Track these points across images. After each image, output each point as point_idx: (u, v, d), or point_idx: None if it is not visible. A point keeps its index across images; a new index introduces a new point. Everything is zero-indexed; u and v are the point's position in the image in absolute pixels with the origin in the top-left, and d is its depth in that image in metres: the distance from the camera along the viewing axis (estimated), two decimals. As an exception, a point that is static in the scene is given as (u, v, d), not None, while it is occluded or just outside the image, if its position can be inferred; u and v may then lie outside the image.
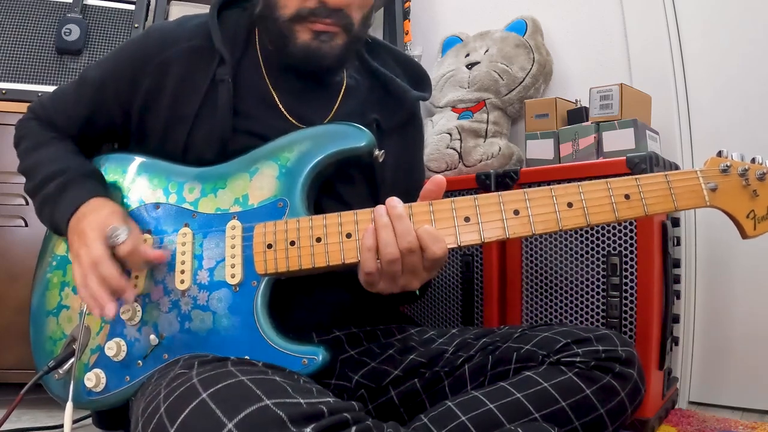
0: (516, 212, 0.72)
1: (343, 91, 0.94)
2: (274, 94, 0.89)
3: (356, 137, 0.81)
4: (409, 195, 0.88)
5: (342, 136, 0.81)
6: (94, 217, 0.78)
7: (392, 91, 0.96)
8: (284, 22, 0.83)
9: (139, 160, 0.88)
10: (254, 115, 0.87)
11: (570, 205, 0.72)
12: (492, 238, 0.72)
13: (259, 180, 0.80)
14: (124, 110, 0.89)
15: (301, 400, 0.57)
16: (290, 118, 0.88)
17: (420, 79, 1.01)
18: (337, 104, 0.92)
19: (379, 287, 0.73)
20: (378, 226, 0.71)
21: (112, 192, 0.87)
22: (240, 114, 0.86)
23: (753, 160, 0.75)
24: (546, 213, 0.72)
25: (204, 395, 0.57)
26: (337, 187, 0.87)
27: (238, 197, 0.80)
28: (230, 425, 0.54)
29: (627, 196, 0.72)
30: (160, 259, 0.78)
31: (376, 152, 0.82)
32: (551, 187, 0.73)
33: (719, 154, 0.75)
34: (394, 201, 0.72)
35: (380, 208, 0.72)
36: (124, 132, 0.92)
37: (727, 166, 0.73)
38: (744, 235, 0.75)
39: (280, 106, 0.89)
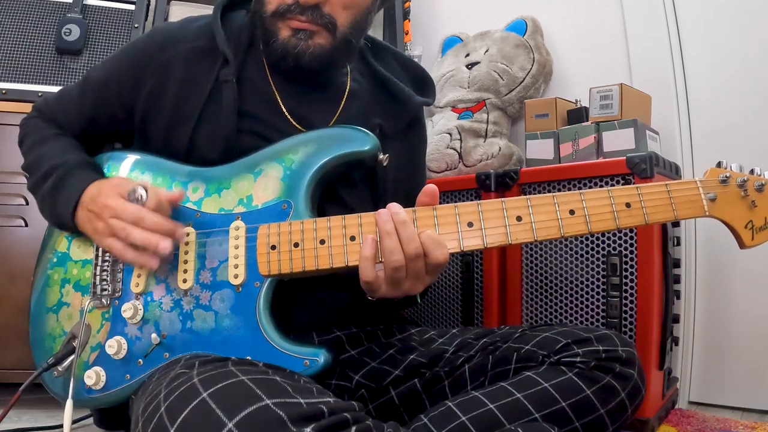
0: (519, 218, 0.73)
1: (346, 94, 0.94)
2: (277, 95, 0.89)
3: (361, 141, 0.81)
4: (411, 198, 0.88)
5: (347, 140, 0.81)
6: (108, 190, 0.78)
7: (396, 96, 0.96)
8: (268, 18, 0.84)
9: (142, 158, 0.88)
10: (257, 117, 0.87)
11: (572, 212, 0.73)
12: (495, 244, 0.73)
13: (263, 181, 0.80)
14: (127, 110, 0.90)
15: (302, 400, 0.57)
16: (292, 121, 0.88)
17: (424, 84, 1.01)
18: (340, 108, 0.92)
19: (382, 292, 0.73)
20: (382, 233, 0.71)
21: None
22: (243, 115, 0.86)
23: (752, 171, 0.76)
24: (548, 220, 0.73)
25: (204, 395, 0.57)
26: (339, 190, 0.87)
27: (243, 198, 0.80)
28: (230, 425, 0.54)
29: (628, 205, 0.73)
30: (180, 196, 0.79)
31: (381, 156, 0.82)
32: (553, 194, 0.73)
33: (719, 164, 0.76)
34: (396, 207, 0.72)
35: (383, 213, 0.72)
36: (127, 132, 0.92)
37: (726, 176, 0.74)
38: (742, 245, 0.76)
39: (283, 108, 0.89)
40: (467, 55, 1.74)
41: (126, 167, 0.88)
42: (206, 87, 0.86)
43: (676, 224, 1.32)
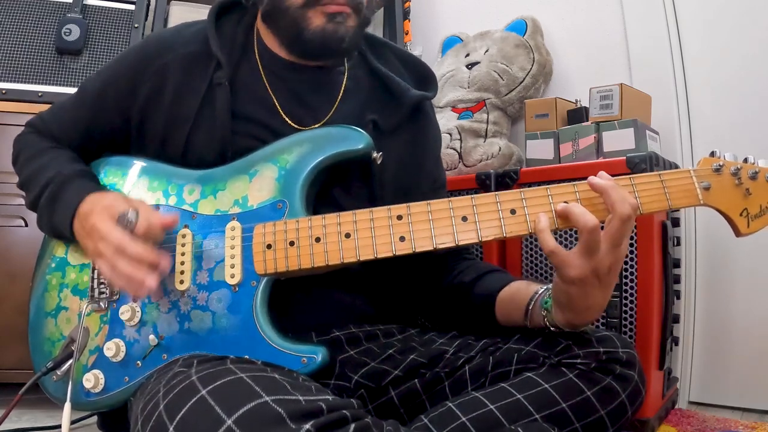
0: (513, 212, 0.73)
1: (342, 91, 0.94)
2: (272, 96, 0.89)
3: (354, 140, 0.81)
4: (411, 195, 0.88)
5: (340, 139, 0.81)
6: (99, 210, 0.77)
7: (392, 91, 0.95)
8: (296, 9, 0.83)
9: (138, 162, 0.88)
10: (253, 118, 0.87)
11: (566, 204, 0.72)
12: (489, 237, 0.72)
13: (258, 182, 0.80)
14: (123, 116, 0.90)
15: (300, 397, 0.57)
16: (288, 121, 0.88)
17: (425, 78, 1.00)
18: (335, 106, 0.92)
19: (579, 271, 0.69)
20: (606, 186, 0.69)
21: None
22: (239, 117, 0.86)
23: (745, 160, 0.76)
24: (542, 212, 0.72)
25: (203, 392, 0.57)
26: (335, 189, 0.87)
27: (238, 199, 0.80)
28: (229, 421, 0.54)
29: None
30: (174, 222, 0.78)
31: (374, 154, 0.82)
32: (547, 186, 0.73)
33: (712, 154, 0.76)
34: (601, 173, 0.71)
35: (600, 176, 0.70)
36: (123, 140, 0.92)
37: (719, 165, 0.74)
38: (737, 233, 0.76)
39: (279, 109, 0.89)
40: (467, 55, 1.74)
41: (122, 172, 0.88)
42: (201, 91, 0.86)
43: (676, 224, 1.32)
